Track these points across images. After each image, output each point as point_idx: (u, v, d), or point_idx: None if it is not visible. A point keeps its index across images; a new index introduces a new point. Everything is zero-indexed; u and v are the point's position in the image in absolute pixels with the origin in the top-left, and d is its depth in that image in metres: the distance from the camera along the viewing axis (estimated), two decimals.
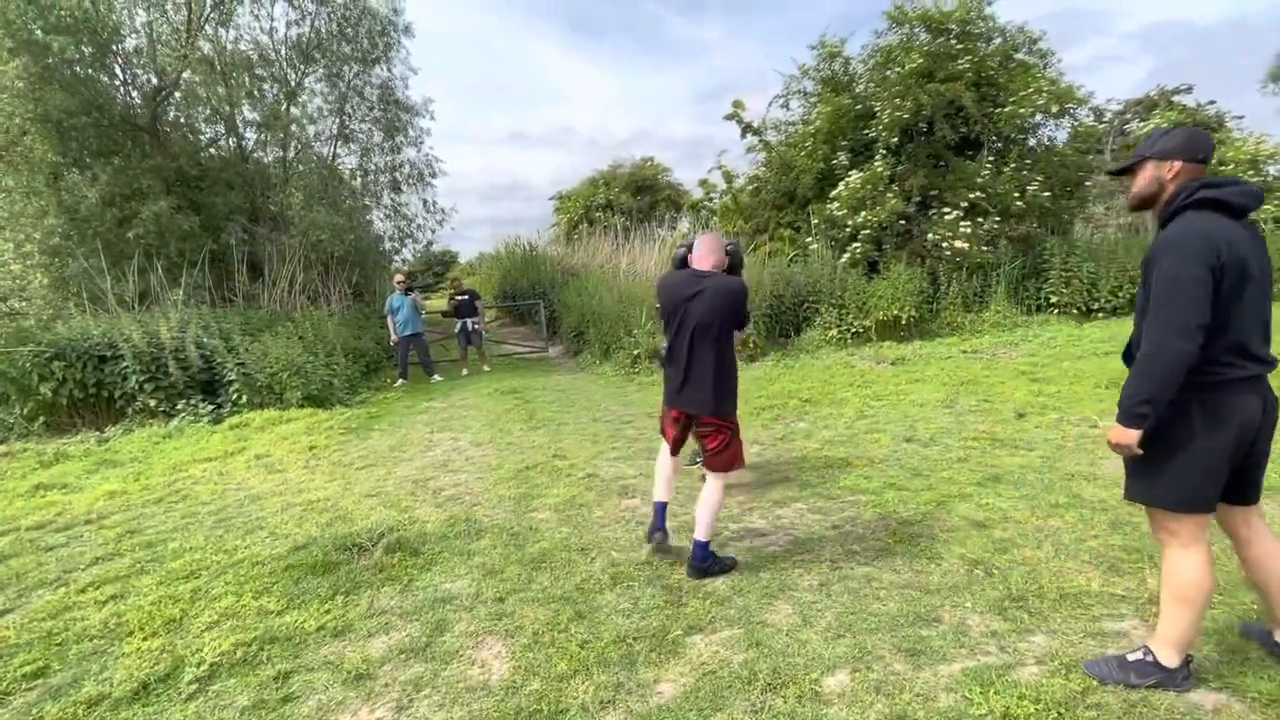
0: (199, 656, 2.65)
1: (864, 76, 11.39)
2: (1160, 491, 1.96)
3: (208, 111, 11.39)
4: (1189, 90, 17.84)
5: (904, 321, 9.28)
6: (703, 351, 2.98)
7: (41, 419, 7.69)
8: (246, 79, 11.47)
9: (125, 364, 7.73)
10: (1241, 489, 2.00)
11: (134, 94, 10.93)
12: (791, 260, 10.62)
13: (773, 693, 2.22)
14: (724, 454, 3.06)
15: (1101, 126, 14.96)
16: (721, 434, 3.05)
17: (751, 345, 9.03)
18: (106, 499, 4.96)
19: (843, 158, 10.85)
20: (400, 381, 9.81)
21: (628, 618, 2.78)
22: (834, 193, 10.56)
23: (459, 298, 10.50)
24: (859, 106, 11.01)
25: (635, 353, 9.29)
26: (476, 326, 10.47)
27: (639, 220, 20.25)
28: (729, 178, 13.31)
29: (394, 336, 9.76)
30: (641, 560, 3.29)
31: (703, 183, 14.62)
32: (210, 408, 7.77)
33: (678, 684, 2.33)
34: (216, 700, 2.40)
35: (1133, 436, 1.90)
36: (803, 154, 11.33)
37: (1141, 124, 17.52)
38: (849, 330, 9.40)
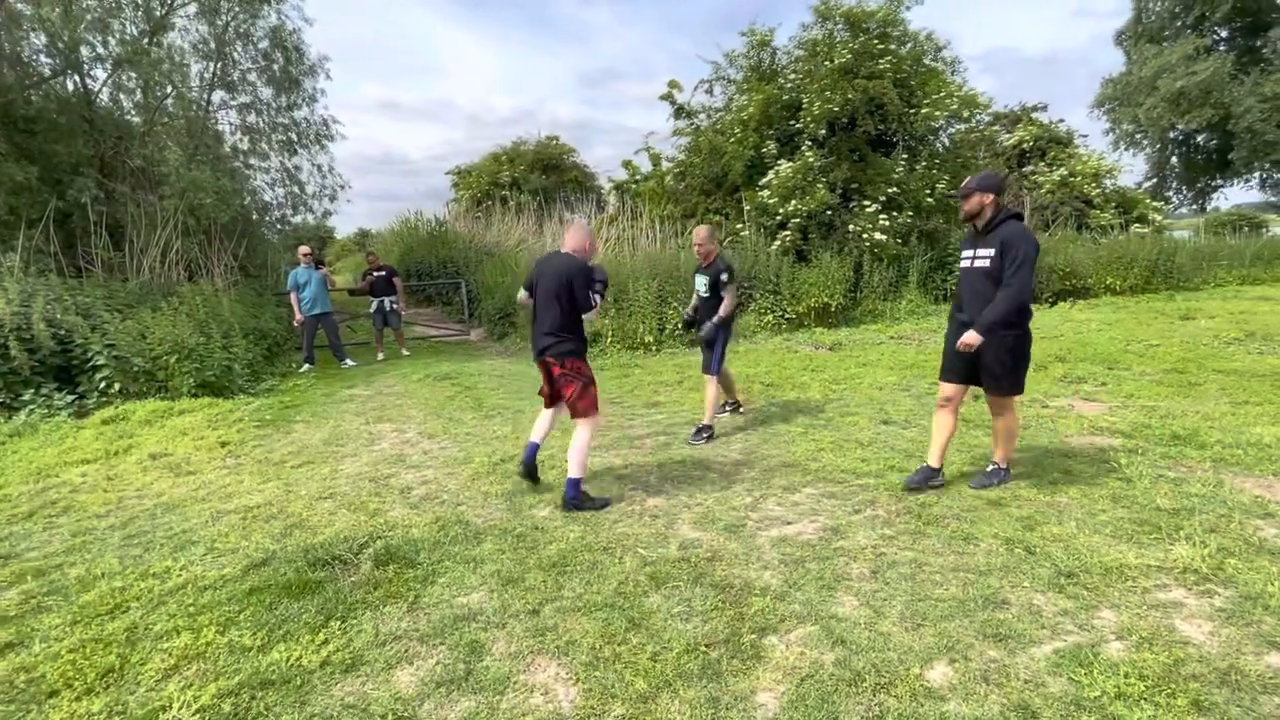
0: (170, 716, 2.07)
1: (790, 68, 11.63)
2: (1019, 385, 3.50)
3: (43, 39, 9.33)
4: (1045, 108, 20.06)
5: (833, 309, 9.65)
6: (549, 309, 3.66)
7: None
8: (94, 3, 9.55)
9: None
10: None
11: None
12: (725, 245, 10.67)
13: (884, 693, 2.10)
14: (581, 401, 3.66)
15: (975, 135, 16.40)
16: (574, 382, 3.66)
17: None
18: None
19: (772, 147, 11.04)
20: (306, 366, 8.72)
21: (687, 622, 2.54)
22: (764, 180, 10.74)
23: (375, 274, 9.49)
24: (786, 97, 11.25)
25: None
26: (395, 306, 9.53)
27: (547, 201, 19.61)
28: (655, 160, 13.14)
29: (299, 315, 8.63)
30: (676, 557, 3.06)
31: (626, 164, 14.34)
32: (69, 399, 6.43)
33: (776, 693, 2.14)
34: None
35: (978, 340, 3.26)
36: (732, 141, 11.40)
37: (1008, 135, 19.58)
38: (783, 316, 9.62)
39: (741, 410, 5.30)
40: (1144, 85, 25.29)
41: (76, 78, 10.05)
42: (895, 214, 10.55)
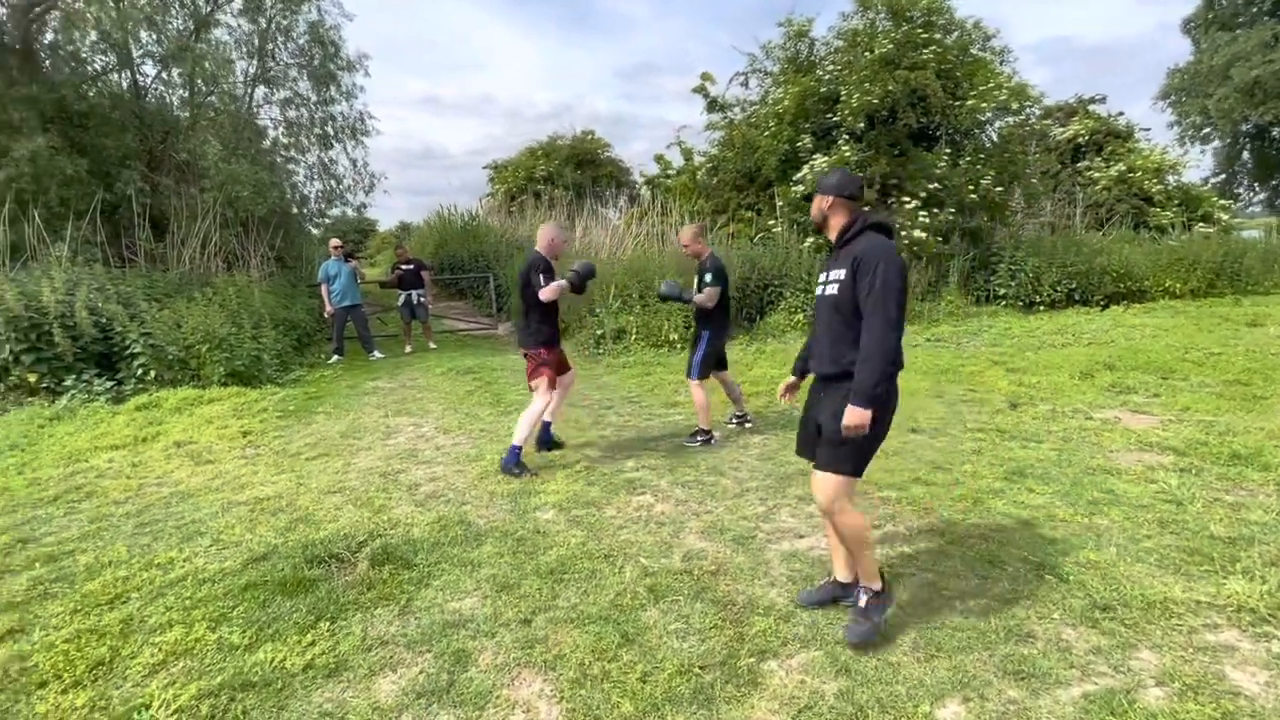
0: (149, 716, 2.04)
1: (829, 59, 11.27)
2: (853, 462, 2.32)
3: (95, 36, 9.68)
4: (1103, 100, 19.03)
5: None
6: (520, 302, 4.26)
7: None
8: (144, 1, 9.86)
9: None
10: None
11: (0, 8, 9.14)
12: (757, 241, 10.43)
13: None
14: (533, 377, 4.27)
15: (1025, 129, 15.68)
16: (531, 362, 4.30)
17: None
18: None
19: (807, 140, 10.72)
20: (335, 358, 8.86)
21: (684, 640, 2.41)
22: (799, 175, 10.43)
23: (404, 267, 9.58)
24: (824, 89, 10.90)
25: (599, 332, 8.81)
26: (423, 300, 9.60)
27: (579, 195, 19.55)
28: (688, 155, 12.93)
29: (329, 307, 8.78)
30: (679, 569, 2.92)
31: (659, 158, 14.16)
32: (108, 385, 6.65)
33: None
34: None
35: (867, 416, 2.20)
36: (766, 135, 11.11)
37: (1062, 129, 18.63)
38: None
39: (749, 423, 5.06)
40: (1215, 75, 23.82)
41: (127, 73, 10.42)
42: (936, 211, 10.11)
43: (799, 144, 10.80)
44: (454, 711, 2.09)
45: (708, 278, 4.61)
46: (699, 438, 4.71)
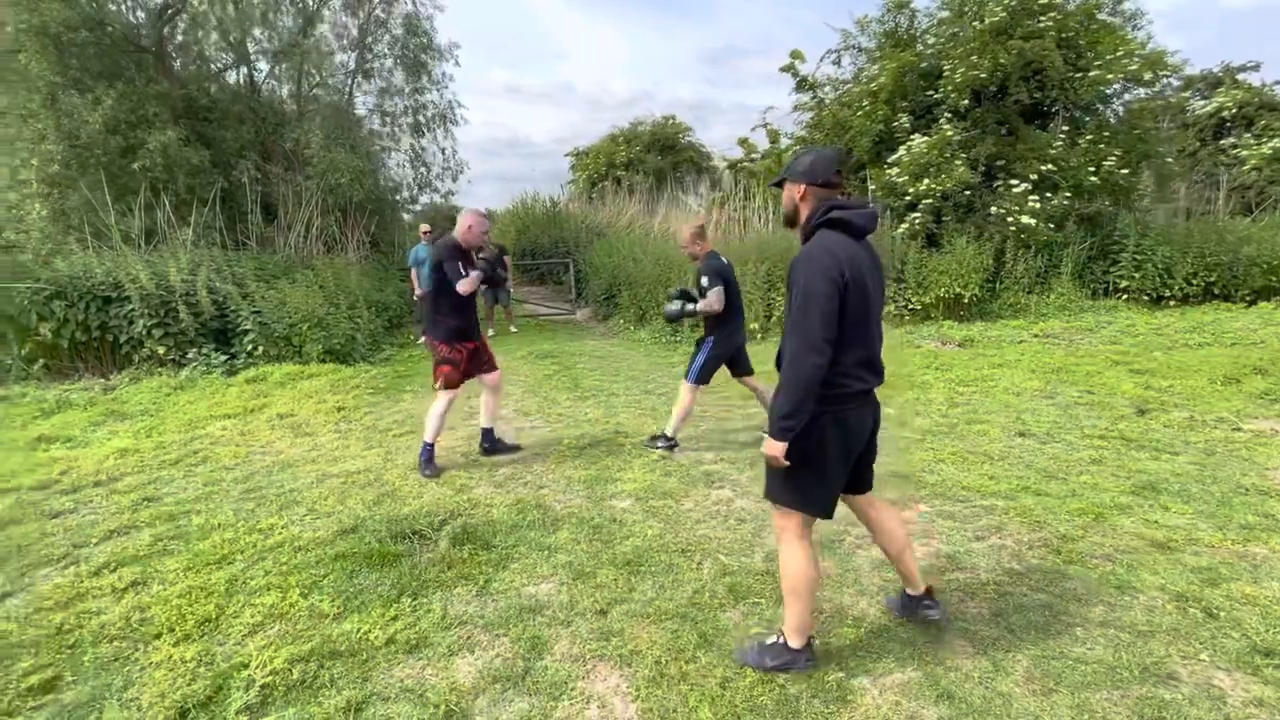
0: (246, 675, 2.14)
1: (931, 31, 10.49)
2: (787, 496, 2.06)
3: (215, 36, 10.49)
4: (1256, 68, 16.73)
5: (967, 300, 8.67)
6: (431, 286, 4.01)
7: (40, 362, 7.13)
8: (259, 1, 10.55)
9: (131, 307, 7.13)
10: (858, 483, 2.21)
11: (139, 13, 10.04)
12: None
13: None
14: (435, 374, 4.03)
15: (1159, 103, 14.04)
16: (434, 355, 4.05)
17: None
18: (117, 457, 4.44)
19: (904, 120, 10.05)
20: (423, 339, 9.21)
21: None
22: (894, 157, 9.81)
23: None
24: (924, 64, 10.17)
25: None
26: (505, 284, 9.81)
27: (660, 181, 19.40)
28: (774, 137, 12.48)
29: (418, 290, 9.13)
30: (760, 570, 2.78)
31: (742, 141, 13.77)
32: (223, 358, 7.21)
33: None
34: None
35: (780, 449, 1.94)
36: (859, 114, 10.52)
37: (1204, 102, 16.57)
38: (906, 306, 8.80)
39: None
40: None
41: (244, 69, 11.22)
42: (1049, 195, 9.23)
43: (895, 123, 10.15)
44: (529, 700, 2.06)
45: (704, 280, 4.10)
46: (660, 442, 4.29)
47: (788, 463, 1.96)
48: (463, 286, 3.87)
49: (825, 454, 2.00)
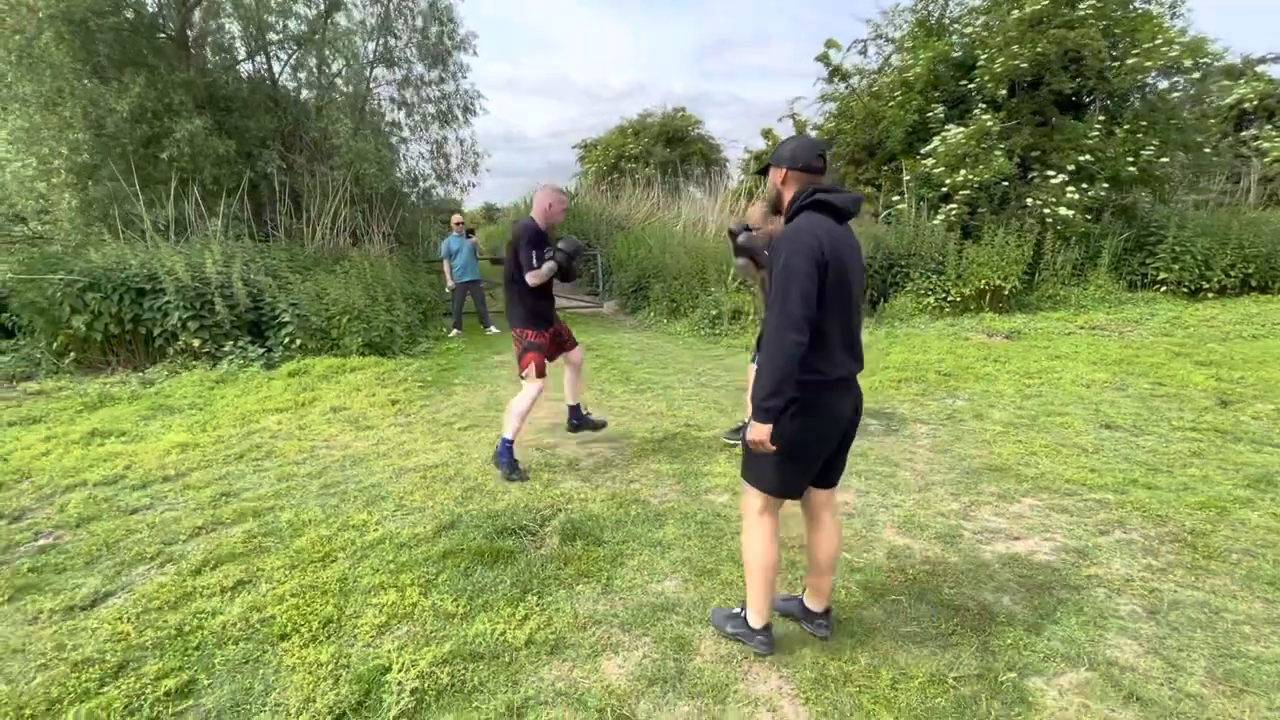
0: (394, 678, 2.04)
1: (964, 20, 10.36)
2: (767, 479, 2.05)
3: (235, 25, 10.28)
4: (1278, 60, 16.60)
5: (1006, 292, 8.58)
6: (507, 272, 3.77)
7: (72, 355, 6.99)
8: None
9: (167, 299, 6.98)
10: (828, 475, 2.15)
11: None
12: (884, 219, 9.82)
13: None
14: (521, 364, 3.75)
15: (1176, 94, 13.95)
16: (516, 344, 3.83)
17: None
18: (178, 452, 4.32)
19: (939, 110, 9.93)
20: (455, 332, 9.10)
21: (923, 647, 2.19)
22: (929, 148, 9.70)
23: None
24: (958, 54, 10.04)
25: (714, 313, 8.58)
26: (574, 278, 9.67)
27: (668, 173, 19.21)
28: (800, 128, 12.34)
29: (450, 282, 9.01)
30: (887, 566, 2.69)
31: (766, 133, 13.61)
32: (260, 351, 7.08)
33: None
34: None
35: (765, 432, 1.89)
36: (892, 105, 10.39)
37: (1220, 93, 16.45)
38: (945, 298, 8.71)
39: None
40: None
41: (263, 58, 11.01)
42: (1085, 186, 9.14)
43: (929, 114, 10.03)
44: (692, 703, 1.97)
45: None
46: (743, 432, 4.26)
47: (774, 447, 1.91)
48: (531, 279, 3.63)
49: (804, 439, 1.98)
